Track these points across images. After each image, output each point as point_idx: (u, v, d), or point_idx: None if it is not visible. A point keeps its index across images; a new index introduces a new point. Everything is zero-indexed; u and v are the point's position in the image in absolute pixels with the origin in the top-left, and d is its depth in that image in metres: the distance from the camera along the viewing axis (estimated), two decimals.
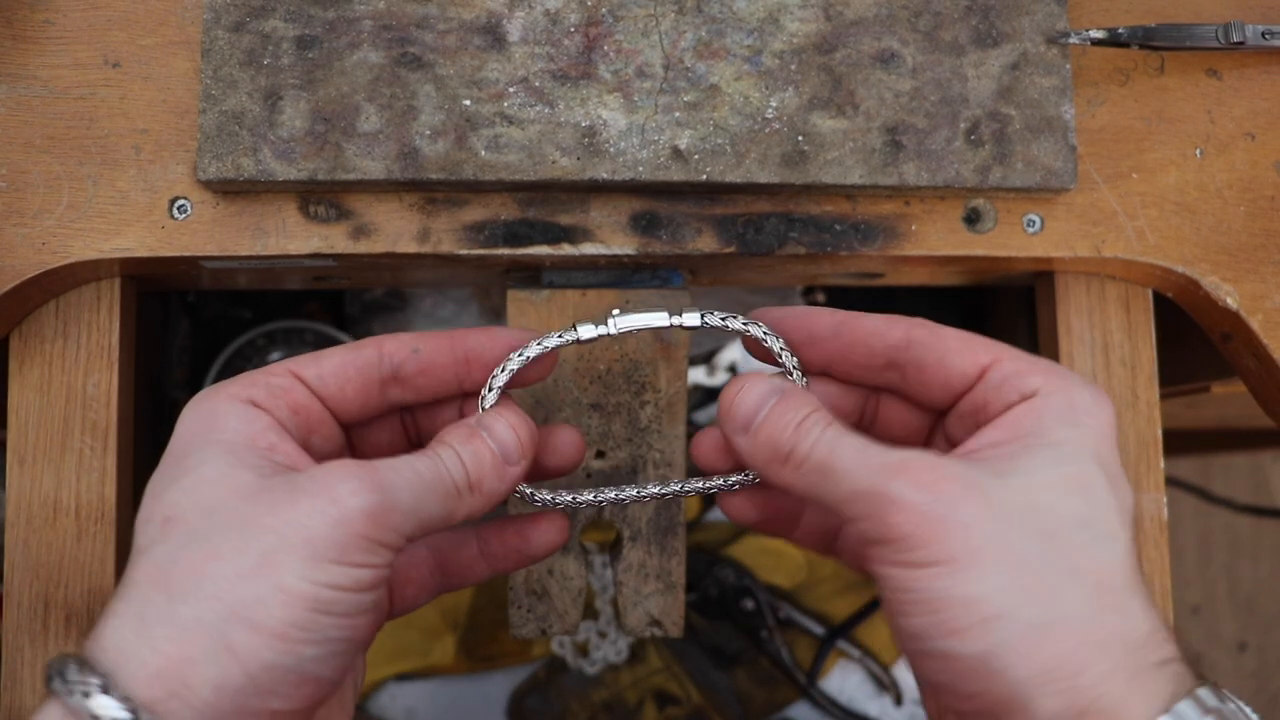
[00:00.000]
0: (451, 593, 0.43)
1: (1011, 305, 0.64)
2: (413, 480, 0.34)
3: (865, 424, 0.41)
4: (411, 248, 0.44)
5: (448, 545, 0.41)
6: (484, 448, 0.37)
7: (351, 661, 0.34)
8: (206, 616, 0.31)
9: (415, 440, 0.42)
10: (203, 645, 0.30)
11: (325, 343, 0.64)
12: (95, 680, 0.30)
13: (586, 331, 0.40)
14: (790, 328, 0.40)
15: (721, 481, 0.41)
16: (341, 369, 0.38)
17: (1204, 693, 0.31)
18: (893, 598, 0.33)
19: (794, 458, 0.35)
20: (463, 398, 0.41)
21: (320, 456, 0.36)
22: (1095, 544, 0.32)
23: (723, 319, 0.40)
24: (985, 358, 0.36)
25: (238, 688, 0.31)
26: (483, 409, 0.39)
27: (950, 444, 0.39)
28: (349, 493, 0.32)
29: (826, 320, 0.39)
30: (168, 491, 0.33)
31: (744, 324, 0.40)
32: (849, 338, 0.39)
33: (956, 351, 0.37)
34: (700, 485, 0.41)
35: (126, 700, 0.30)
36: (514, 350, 0.39)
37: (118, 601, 0.32)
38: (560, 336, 0.39)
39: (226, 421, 0.35)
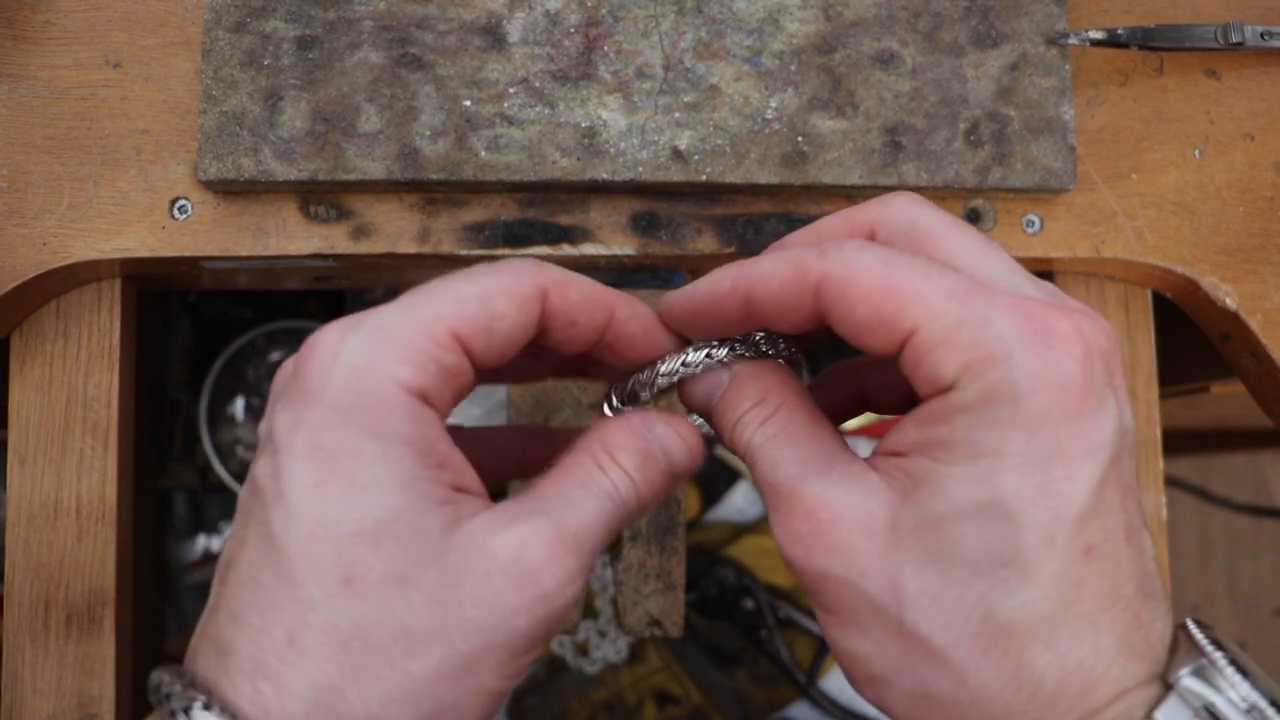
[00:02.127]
0: None
1: None
2: (604, 538, 0.31)
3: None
4: (412, 248, 0.44)
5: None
6: (658, 473, 0.33)
7: None
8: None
9: None
10: None
11: None
12: None
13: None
14: (695, 320, 0.33)
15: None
16: (512, 339, 0.31)
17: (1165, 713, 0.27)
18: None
19: (737, 452, 0.33)
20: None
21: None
22: (991, 595, 0.27)
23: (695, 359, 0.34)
24: (900, 331, 0.28)
25: None
26: (636, 400, 0.35)
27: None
28: (559, 588, 0.29)
29: (731, 303, 0.32)
30: (338, 529, 0.28)
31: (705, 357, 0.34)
32: (765, 313, 0.31)
33: (867, 327, 0.29)
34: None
35: None
36: (659, 353, 0.34)
37: (283, 661, 0.28)
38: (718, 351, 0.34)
39: (397, 424, 0.29)
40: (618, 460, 0.32)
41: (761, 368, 0.33)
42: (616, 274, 0.48)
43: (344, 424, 0.28)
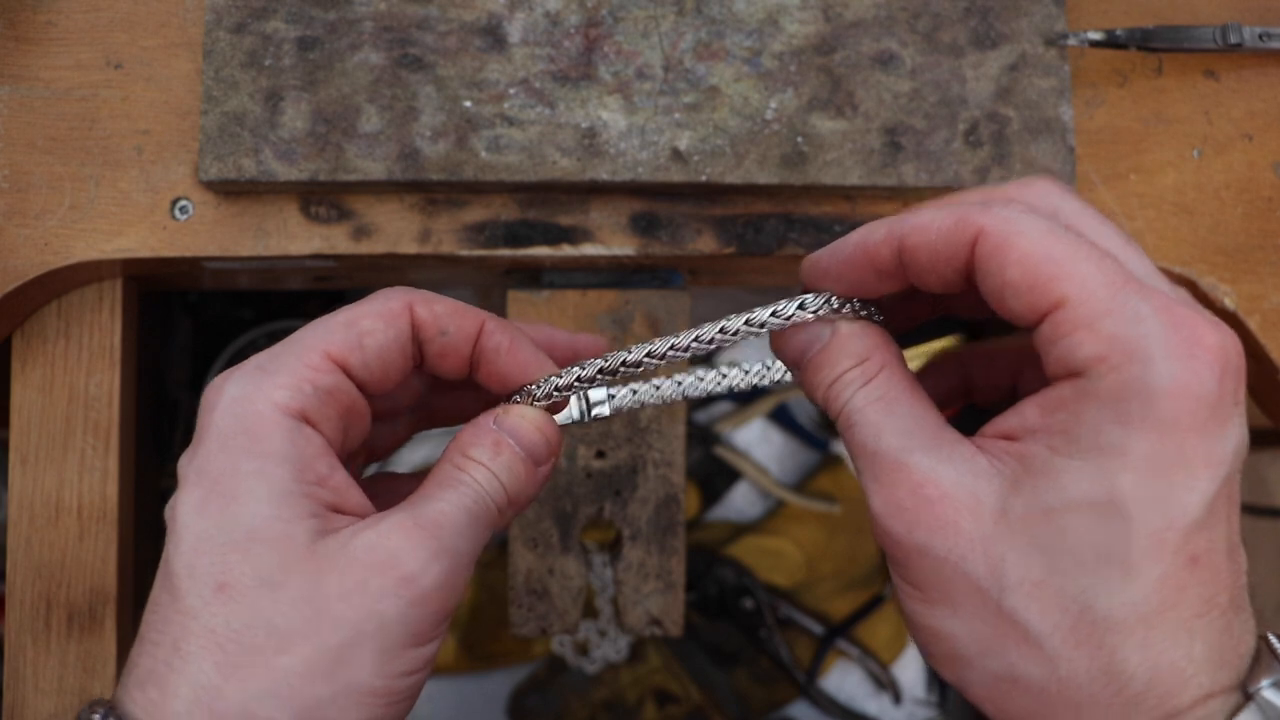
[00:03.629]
0: None
1: None
2: (466, 525, 0.32)
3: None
4: (412, 248, 0.44)
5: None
6: (514, 458, 0.34)
7: None
8: (277, 718, 0.29)
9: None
10: None
11: None
12: None
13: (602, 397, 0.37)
14: (844, 274, 0.32)
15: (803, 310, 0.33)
16: (385, 352, 0.34)
17: None
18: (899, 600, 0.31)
19: (830, 411, 0.32)
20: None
21: (352, 449, 0.35)
22: (1092, 590, 0.27)
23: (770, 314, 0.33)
24: (1046, 301, 0.28)
25: None
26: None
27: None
28: (420, 568, 0.30)
29: (884, 252, 0.31)
30: (213, 542, 0.30)
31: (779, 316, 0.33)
32: (917, 265, 0.30)
33: (1015, 289, 0.28)
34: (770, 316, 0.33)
35: None
36: (529, 366, 0.35)
37: (169, 666, 0.29)
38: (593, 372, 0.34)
39: (272, 443, 0.31)
40: (470, 455, 0.33)
41: (865, 326, 0.32)
42: (616, 274, 0.48)
43: (225, 449, 0.31)
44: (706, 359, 0.70)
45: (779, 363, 0.38)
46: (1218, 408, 0.28)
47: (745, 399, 0.75)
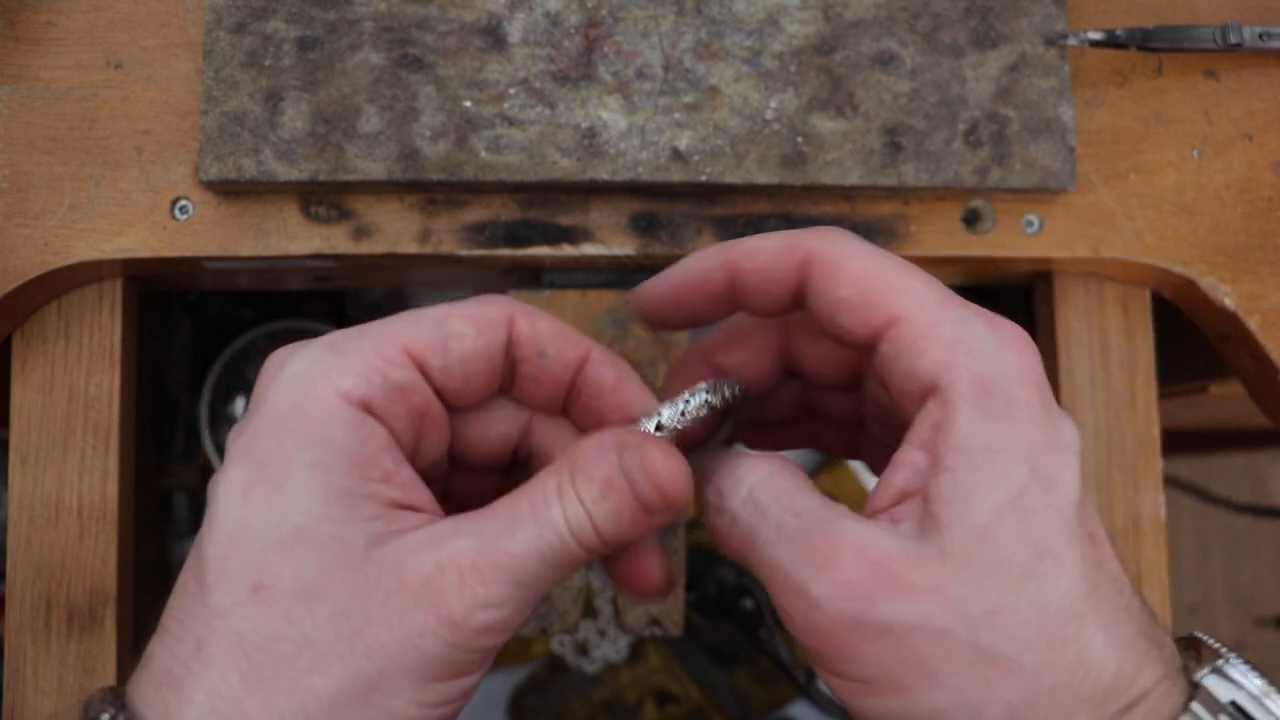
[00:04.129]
0: None
1: (1009, 306, 0.64)
2: (536, 569, 0.28)
3: (787, 361, 0.35)
4: (412, 248, 0.44)
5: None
6: (624, 505, 0.29)
7: None
8: None
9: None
10: None
11: None
12: None
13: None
14: (677, 300, 0.33)
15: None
16: (473, 359, 0.30)
17: (1199, 706, 0.28)
18: (842, 702, 0.29)
19: (724, 514, 0.30)
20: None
21: (426, 466, 0.31)
22: (1040, 590, 0.27)
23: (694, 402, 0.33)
24: (877, 319, 0.29)
25: None
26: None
27: (873, 399, 0.33)
28: (466, 613, 0.27)
29: (714, 276, 0.32)
30: (253, 535, 0.27)
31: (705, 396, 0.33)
32: (746, 287, 0.31)
33: (846, 306, 0.29)
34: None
35: None
36: (634, 408, 0.32)
37: (188, 670, 0.27)
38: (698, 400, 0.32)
39: (331, 431, 0.28)
40: (577, 489, 0.29)
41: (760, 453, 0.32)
42: (617, 274, 0.48)
43: (279, 431, 0.28)
44: None
45: None
46: (1047, 390, 0.29)
47: None
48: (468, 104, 0.43)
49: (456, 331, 0.30)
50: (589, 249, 0.45)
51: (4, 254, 0.43)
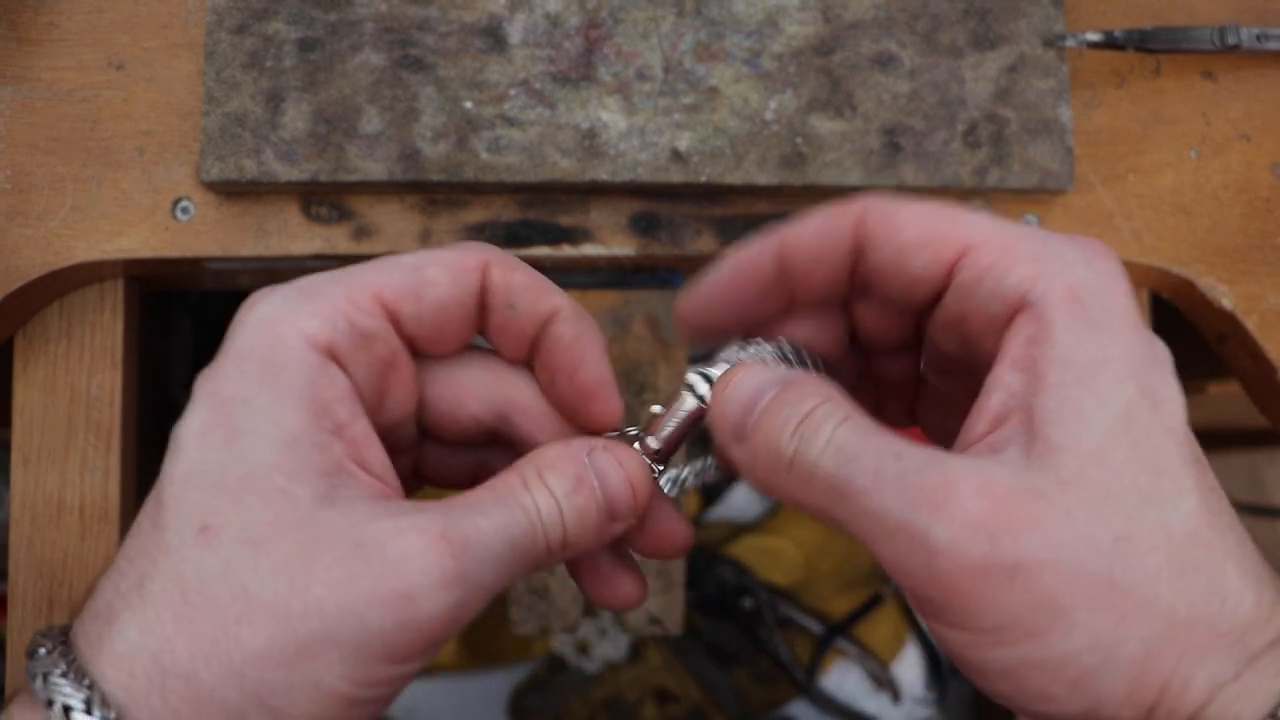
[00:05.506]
0: None
1: None
2: (502, 555, 0.27)
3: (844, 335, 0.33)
4: (413, 249, 0.44)
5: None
6: (591, 504, 0.29)
7: None
8: (229, 697, 0.25)
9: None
10: None
11: None
12: (80, 696, 0.25)
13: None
14: (726, 297, 0.31)
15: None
16: (446, 307, 0.29)
17: None
18: (958, 658, 0.26)
19: (797, 467, 0.27)
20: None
21: (391, 424, 0.30)
22: (1164, 514, 0.25)
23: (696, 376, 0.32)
24: (949, 251, 0.28)
25: None
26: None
27: (937, 352, 0.31)
28: (423, 590, 0.26)
29: (763, 262, 0.30)
30: (207, 478, 0.27)
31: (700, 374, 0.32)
32: (799, 267, 0.30)
33: (913, 247, 0.28)
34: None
35: None
36: (588, 365, 0.31)
37: (126, 603, 0.26)
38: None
39: (291, 376, 0.27)
40: (545, 480, 0.29)
41: (811, 375, 0.30)
42: (617, 274, 0.48)
43: (241, 372, 0.27)
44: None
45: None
46: (1133, 297, 0.27)
47: None
48: (468, 105, 0.43)
49: (431, 278, 0.29)
50: (589, 249, 0.45)
51: (6, 254, 0.43)
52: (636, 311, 0.47)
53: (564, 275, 0.48)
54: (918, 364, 0.34)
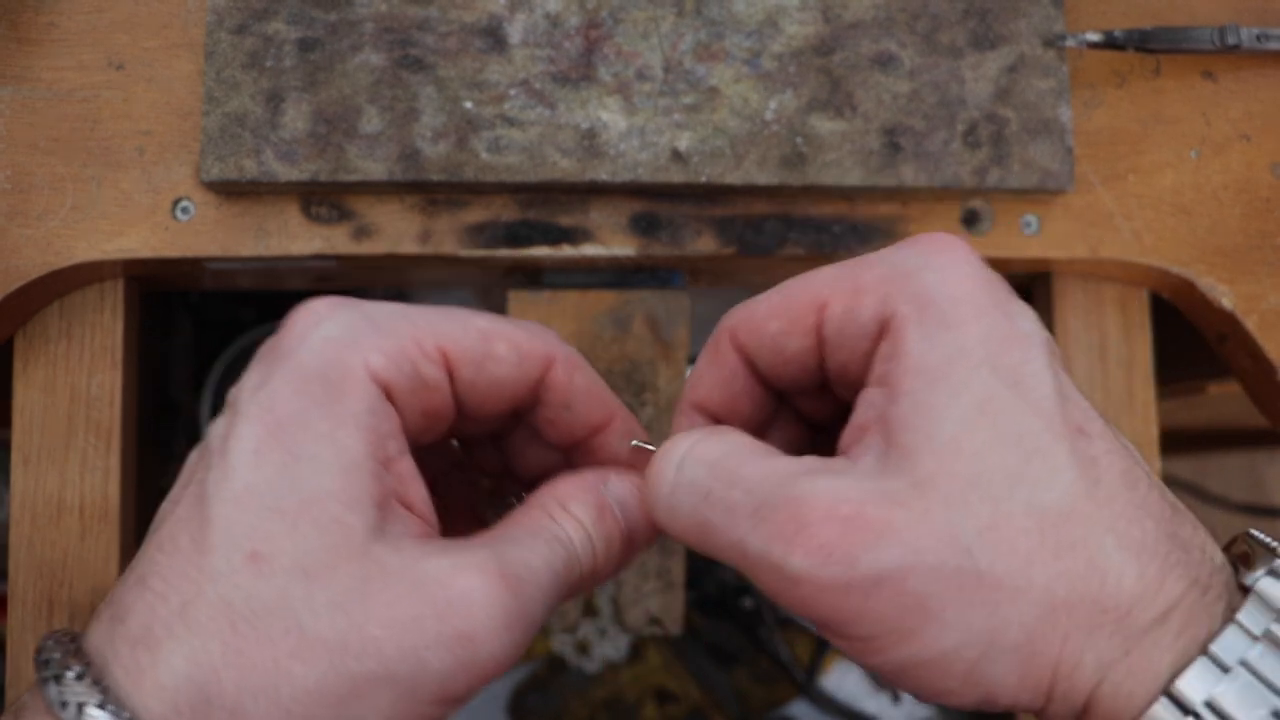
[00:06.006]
0: None
1: None
2: (549, 587, 0.27)
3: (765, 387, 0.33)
4: (413, 249, 0.45)
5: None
6: (615, 532, 0.29)
7: None
8: None
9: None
10: None
11: None
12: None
13: None
14: (715, 402, 0.32)
15: None
16: (503, 386, 0.30)
17: (1248, 615, 0.25)
18: (856, 663, 0.27)
19: (665, 509, 0.28)
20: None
21: (418, 458, 0.30)
22: (1034, 493, 0.25)
23: None
24: (808, 319, 0.29)
25: None
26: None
27: (845, 401, 0.31)
28: (487, 632, 0.25)
29: (725, 354, 0.31)
30: (261, 500, 0.26)
31: None
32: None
33: (778, 335, 0.29)
34: None
35: None
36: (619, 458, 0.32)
37: (169, 632, 0.25)
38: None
39: (354, 404, 0.27)
40: (570, 511, 0.29)
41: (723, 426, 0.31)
42: (617, 274, 0.48)
43: (302, 393, 0.27)
44: None
45: None
46: (996, 286, 0.27)
47: None
48: (468, 105, 0.43)
49: (497, 354, 0.29)
50: (589, 249, 0.45)
51: (6, 254, 0.43)
52: (636, 311, 0.47)
53: (564, 275, 0.48)
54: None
